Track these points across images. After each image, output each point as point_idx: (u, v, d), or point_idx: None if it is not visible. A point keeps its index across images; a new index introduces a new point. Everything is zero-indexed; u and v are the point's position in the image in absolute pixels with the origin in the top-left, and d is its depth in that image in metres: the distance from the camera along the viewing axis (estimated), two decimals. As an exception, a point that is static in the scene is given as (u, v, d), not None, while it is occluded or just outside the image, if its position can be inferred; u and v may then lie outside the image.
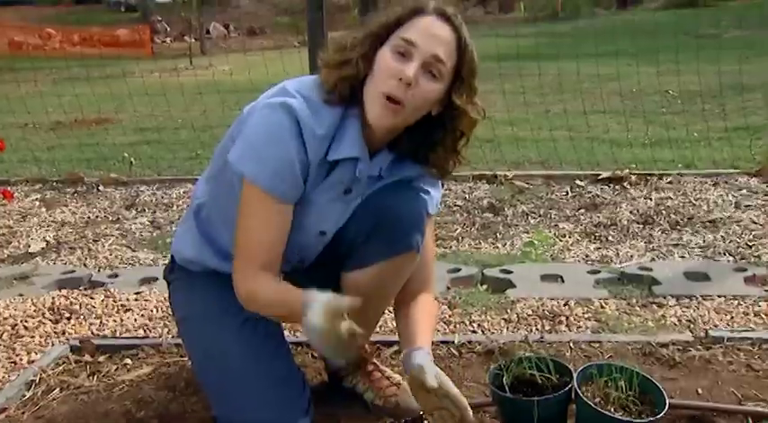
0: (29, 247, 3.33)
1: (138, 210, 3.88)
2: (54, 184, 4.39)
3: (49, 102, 6.57)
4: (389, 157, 1.51)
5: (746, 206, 3.51)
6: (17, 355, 2.15)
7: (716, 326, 2.19)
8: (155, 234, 3.47)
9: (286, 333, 1.84)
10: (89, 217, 3.79)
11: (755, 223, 3.27)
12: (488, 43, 7.20)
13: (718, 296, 2.41)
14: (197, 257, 1.62)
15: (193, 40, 16.18)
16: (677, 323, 2.23)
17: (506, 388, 1.51)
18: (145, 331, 2.31)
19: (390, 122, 1.40)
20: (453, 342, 2.03)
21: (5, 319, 2.42)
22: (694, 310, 2.32)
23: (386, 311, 1.87)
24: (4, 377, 2.01)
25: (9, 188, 3.96)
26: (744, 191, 3.76)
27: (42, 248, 3.31)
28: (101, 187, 4.32)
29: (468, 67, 1.42)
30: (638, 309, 2.35)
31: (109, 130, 6.35)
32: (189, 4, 19.32)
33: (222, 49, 16.86)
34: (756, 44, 9.66)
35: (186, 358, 1.93)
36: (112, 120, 6.78)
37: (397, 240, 1.53)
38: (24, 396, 1.86)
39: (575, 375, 1.52)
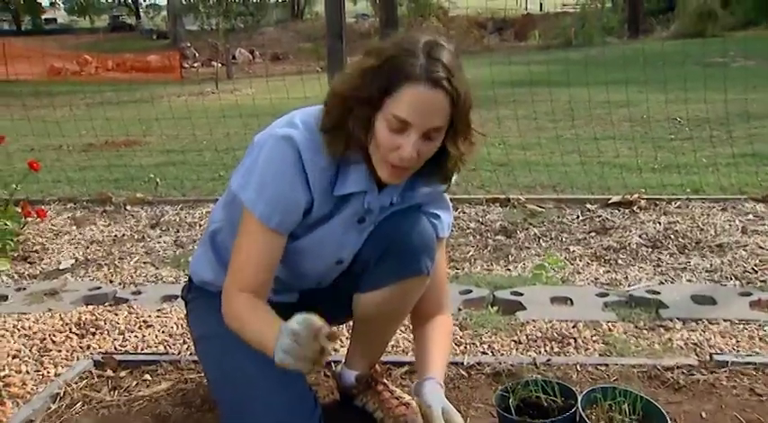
0: (59, 264, 3.37)
1: (163, 229, 3.92)
2: (84, 203, 4.45)
3: (82, 125, 6.69)
4: (398, 187, 1.51)
5: (753, 231, 3.47)
6: (45, 368, 2.17)
7: (721, 350, 2.15)
8: (177, 252, 3.50)
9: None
10: (116, 235, 3.83)
11: (762, 248, 3.23)
12: (502, 70, 7.24)
13: (724, 320, 2.38)
14: (215, 280, 1.63)
15: (220, 65, 16.41)
16: (683, 347, 2.20)
17: (512, 410, 1.49)
18: (165, 347, 2.32)
19: (401, 181, 1.44)
20: (462, 363, 2.01)
21: (35, 333, 2.44)
22: (700, 334, 2.28)
23: (397, 331, 1.87)
24: (32, 389, 2.03)
25: (43, 207, 4.01)
26: (750, 216, 3.72)
27: (72, 265, 3.35)
28: (128, 207, 4.37)
29: (462, 116, 1.36)
30: (645, 332, 2.33)
31: (137, 152, 6.43)
32: (217, 31, 19.62)
33: (247, 73, 17.08)
34: (762, 74, 9.61)
35: (203, 375, 1.93)
36: (140, 142, 6.87)
37: (407, 264, 1.54)
38: (49, 408, 1.87)
39: (579, 398, 1.50)
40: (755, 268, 2.98)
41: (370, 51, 1.36)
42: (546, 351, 2.20)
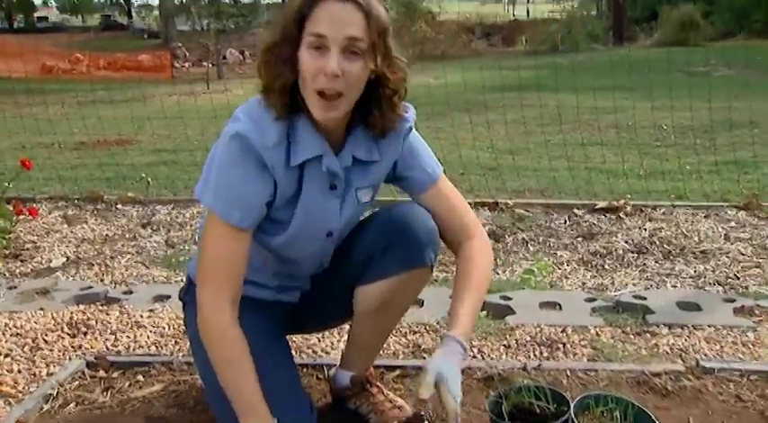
0: (50, 261, 3.33)
1: (154, 228, 3.88)
2: (76, 201, 4.40)
3: (74, 123, 6.62)
4: (357, 138, 1.48)
5: (735, 238, 3.49)
6: (37, 368, 2.14)
7: (706, 355, 2.16)
8: (168, 252, 3.47)
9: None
10: (107, 234, 3.79)
11: (743, 255, 3.25)
12: (493, 75, 7.26)
13: (709, 326, 2.39)
14: None
15: (211, 66, 16.31)
16: (669, 352, 2.21)
17: (505, 416, 1.49)
18: (157, 348, 2.30)
19: (336, 114, 1.38)
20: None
21: (27, 331, 2.41)
22: (686, 340, 2.29)
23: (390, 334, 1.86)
24: (24, 388, 2.00)
25: (34, 205, 3.96)
26: (733, 223, 3.74)
27: (63, 263, 3.31)
28: (119, 205, 4.33)
29: (379, 32, 1.35)
30: (632, 337, 2.33)
31: (128, 151, 6.38)
32: (208, 32, 19.51)
33: (238, 74, 16.99)
34: (742, 82, 9.71)
35: (196, 376, 1.91)
36: (132, 141, 6.81)
37: (411, 256, 1.54)
38: (42, 408, 1.85)
39: (572, 405, 1.50)
40: (738, 275, 3.00)
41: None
42: (535, 355, 2.20)
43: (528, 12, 35.67)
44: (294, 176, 1.44)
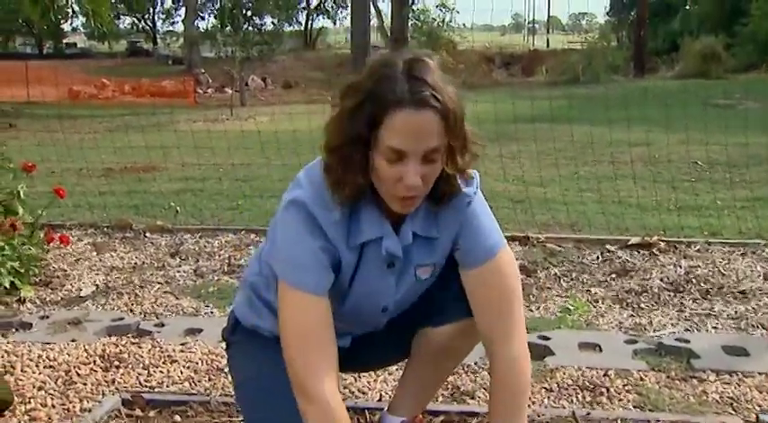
0: (80, 290, 3.32)
1: (182, 258, 3.86)
2: (105, 229, 4.40)
3: (102, 149, 6.67)
4: (418, 214, 1.41)
5: (775, 278, 3.40)
6: (71, 402, 2.11)
7: (759, 406, 2.08)
8: (197, 282, 3.44)
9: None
10: (136, 263, 3.78)
11: (785, 295, 3.16)
12: (518, 105, 7.24)
13: (759, 373, 2.30)
14: (272, 327, 1.53)
15: (234, 92, 16.49)
16: (719, 401, 2.12)
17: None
18: (190, 384, 2.26)
19: (413, 208, 1.35)
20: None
21: (60, 364, 2.38)
22: (735, 387, 2.21)
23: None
24: (57, 424, 1.97)
25: (65, 232, 3.96)
26: (771, 262, 3.65)
27: (93, 292, 3.30)
28: (147, 234, 4.32)
29: (457, 130, 1.28)
30: (678, 383, 2.25)
31: (156, 178, 6.40)
32: (232, 59, 19.76)
33: (260, 100, 17.16)
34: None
35: (234, 419, 1.87)
36: (159, 167, 6.84)
37: None
38: (76, 448, 1.80)
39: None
40: (780, 317, 2.91)
41: (347, 91, 1.29)
42: (578, 400, 2.13)
43: (548, 42, 35.86)
44: (353, 254, 1.39)
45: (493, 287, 1.44)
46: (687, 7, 26.99)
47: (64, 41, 40.05)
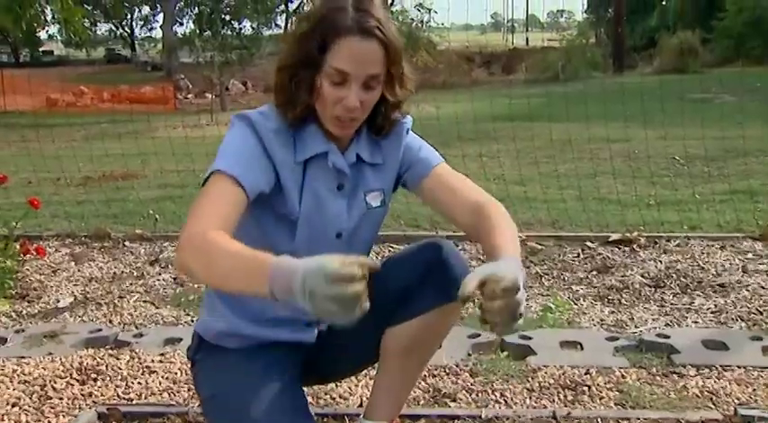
0: (58, 302, 3.26)
1: (162, 266, 3.82)
2: (83, 238, 4.34)
3: (79, 157, 6.59)
4: (361, 140, 1.52)
5: (753, 270, 3.42)
6: (46, 418, 2.07)
7: (738, 399, 2.09)
8: (177, 290, 3.40)
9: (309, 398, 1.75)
10: (115, 272, 3.73)
11: (764, 288, 3.18)
12: (495, 104, 7.26)
13: (738, 367, 2.31)
14: (231, 328, 1.55)
15: (214, 97, 16.40)
16: (699, 395, 2.13)
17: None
18: (169, 395, 2.23)
19: (349, 132, 1.47)
20: (480, 416, 1.93)
21: (35, 378, 2.34)
22: (715, 382, 2.22)
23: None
24: (31, 442, 1.93)
25: (41, 243, 3.91)
26: (750, 255, 3.68)
27: (71, 303, 3.25)
28: (126, 243, 4.27)
29: (396, 62, 1.42)
30: (658, 379, 2.26)
31: (134, 186, 6.34)
32: (211, 64, 19.65)
33: (241, 105, 17.06)
34: (745, 109, 9.69)
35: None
36: (138, 175, 6.78)
37: (447, 290, 1.46)
38: (51, 465, 1.77)
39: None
40: (760, 309, 2.93)
41: (301, 18, 1.43)
42: (560, 399, 2.13)
43: (527, 40, 36.01)
44: (298, 172, 1.46)
45: (450, 177, 1.56)
46: (664, 3, 27.25)
47: (40, 49, 39.64)
